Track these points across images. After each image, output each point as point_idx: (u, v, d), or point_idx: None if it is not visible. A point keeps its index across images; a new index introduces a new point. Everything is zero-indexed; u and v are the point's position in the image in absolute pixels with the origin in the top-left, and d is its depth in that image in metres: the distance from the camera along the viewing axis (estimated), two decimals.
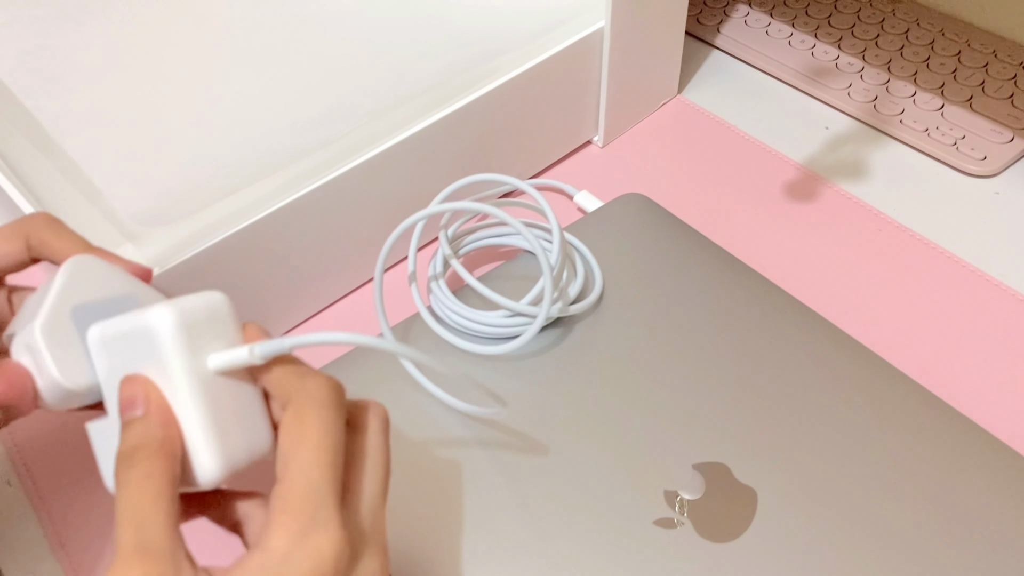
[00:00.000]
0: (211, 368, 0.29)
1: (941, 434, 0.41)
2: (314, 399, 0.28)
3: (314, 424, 0.27)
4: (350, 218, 0.47)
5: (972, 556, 0.37)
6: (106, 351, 0.29)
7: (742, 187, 0.56)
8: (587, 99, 0.56)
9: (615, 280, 0.48)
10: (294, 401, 0.28)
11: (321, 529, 0.26)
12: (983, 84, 0.61)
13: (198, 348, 0.28)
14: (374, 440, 0.30)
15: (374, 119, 0.48)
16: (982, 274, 0.50)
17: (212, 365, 0.29)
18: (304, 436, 0.27)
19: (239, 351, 0.29)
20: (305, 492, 0.26)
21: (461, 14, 0.57)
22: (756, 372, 0.43)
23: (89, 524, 0.41)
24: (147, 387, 0.28)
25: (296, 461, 0.26)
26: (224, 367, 0.29)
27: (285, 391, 0.28)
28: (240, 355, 0.29)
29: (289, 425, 0.27)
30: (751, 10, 0.69)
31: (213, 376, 0.29)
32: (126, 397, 0.28)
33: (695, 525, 0.38)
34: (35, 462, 0.43)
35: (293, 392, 0.28)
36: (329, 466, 0.27)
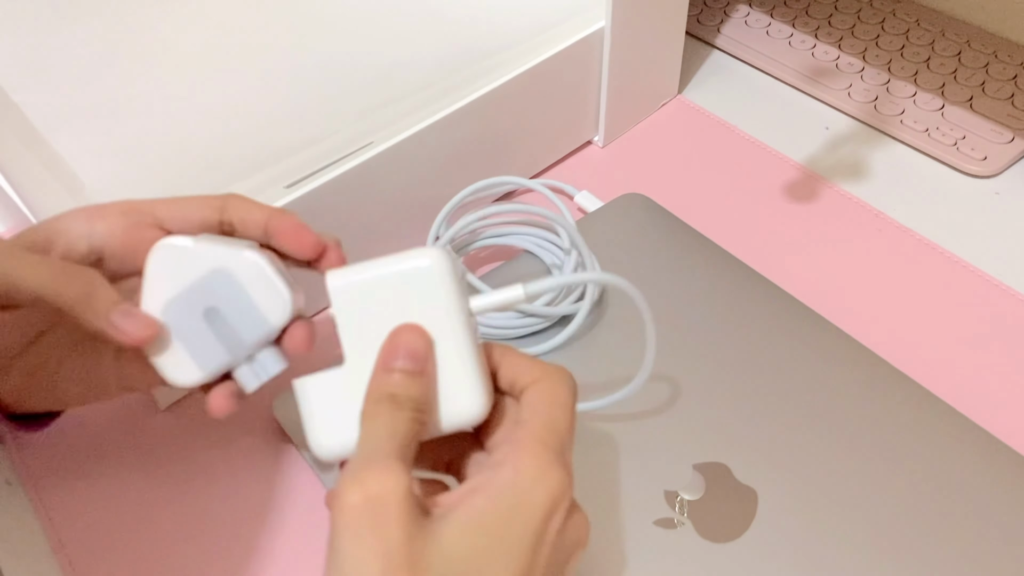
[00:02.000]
0: (473, 309, 0.31)
1: (941, 434, 0.41)
2: (567, 380, 0.31)
3: (566, 393, 0.31)
4: (349, 218, 0.47)
5: (972, 556, 0.37)
6: (351, 298, 0.30)
7: (742, 187, 0.56)
8: (587, 99, 0.56)
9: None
10: (548, 378, 0.31)
11: (561, 467, 0.28)
12: (983, 84, 0.61)
13: (462, 288, 0.31)
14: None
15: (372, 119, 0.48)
16: (982, 274, 0.50)
17: (475, 306, 0.31)
18: (558, 398, 0.30)
19: (511, 291, 0.31)
20: (555, 432, 0.29)
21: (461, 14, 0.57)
22: (756, 372, 0.43)
23: (89, 524, 0.41)
24: (430, 343, 0.30)
25: (551, 411, 0.30)
26: (488, 308, 0.32)
27: (531, 372, 0.31)
28: (512, 294, 0.31)
29: (544, 387, 0.31)
30: (751, 10, 0.69)
31: (471, 317, 0.31)
32: (410, 348, 0.29)
33: (695, 525, 0.38)
34: (35, 462, 0.43)
35: (544, 374, 0.31)
36: (572, 426, 0.30)
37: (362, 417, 0.29)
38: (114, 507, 0.42)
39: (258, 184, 0.45)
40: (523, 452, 0.28)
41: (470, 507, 0.27)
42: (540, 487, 0.28)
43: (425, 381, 0.30)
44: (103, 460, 0.43)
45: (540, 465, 0.28)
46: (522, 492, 0.27)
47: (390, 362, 0.29)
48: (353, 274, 0.30)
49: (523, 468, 0.28)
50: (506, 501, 0.27)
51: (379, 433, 0.28)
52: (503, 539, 0.27)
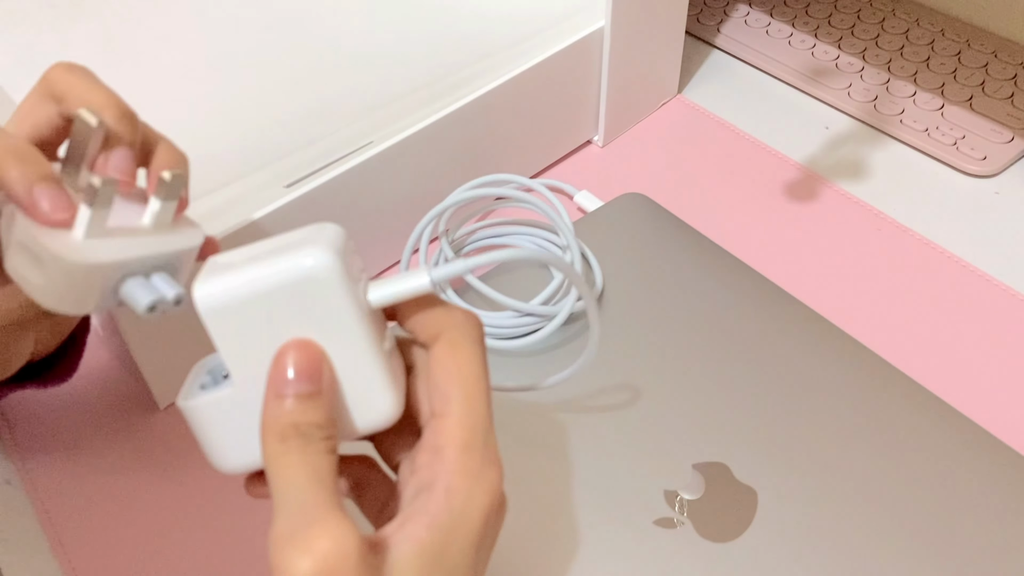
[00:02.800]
0: (372, 304, 0.27)
1: (941, 434, 0.41)
2: (467, 335, 0.28)
3: (471, 359, 0.27)
4: (349, 217, 0.47)
5: (972, 556, 0.37)
6: (228, 316, 0.26)
7: (742, 187, 0.56)
8: (587, 99, 0.56)
9: (615, 280, 0.48)
10: (447, 336, 0.28)
11: (491, 463, 0.27)
12: (983, 84, 0.61)
13: (356, 287, 0.27)
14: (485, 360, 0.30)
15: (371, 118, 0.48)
16: (982, 274, 0.50)
17: (374, 300, 0.27)
18: (464, 372, 0.27)
19: (415, 279, 0.27)
20: (476, 429, 0.27)
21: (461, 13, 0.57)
22: (756, 372, 0.43)
23: (89, 524, 0.41)
24: (321, 358, 0.26)
25: (461, 397, 0.27)
26: (389, 301, 0.27)
27: (433, 325, 0.28)
28: (416, 282, 0.27)
29: (445, 359, 0.27)
30: (751, 10, 0.69)
31: (372, 312, 0.27)
32: (301, 367, 0.26)
33: (695, 525, 0.38)
34: (35, 462, 0.43)
35: (444, 327, 0.28)
36: (488, 401, 0.27)
37: (268, 459, 0.26)
38: (114, 507, 0.42)
39: (258, 184, 0.45)
40: (450, 470, 0.26)
41: (413, 541, 0.25)
42: (474, 503, 0.26)
43: (325, 399, 0.26)
44: (103, 460, 0.43)
45: (469, 479, 0.26)
46: (458, 514, 0.26)
47: (282, 388, 0.26)
48: (226, 285, 0.26)
49: (454, 489, 0.26)
50: (444, 526, 0.26)
51: (300, 481, 0.25)
52: (448, 562, 0.25)
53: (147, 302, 0.29)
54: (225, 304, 0.26)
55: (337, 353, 0.27)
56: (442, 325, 0.28)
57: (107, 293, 0.30)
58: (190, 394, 0.28)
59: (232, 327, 0.26)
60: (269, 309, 0.26)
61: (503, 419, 0.42)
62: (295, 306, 0.26)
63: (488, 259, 0.27)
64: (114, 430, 0.44)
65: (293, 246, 0.26)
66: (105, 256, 0.29)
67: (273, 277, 0.26)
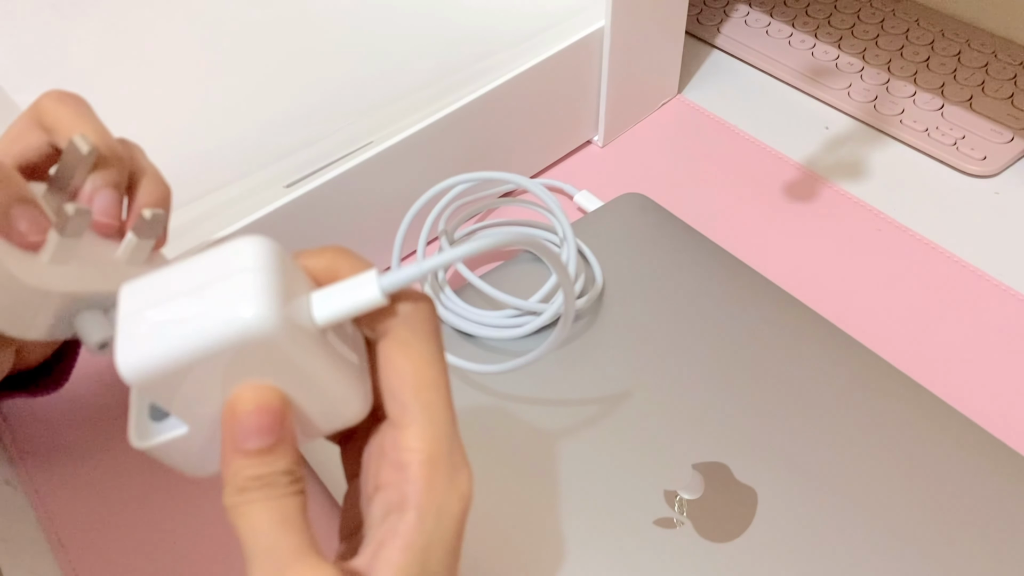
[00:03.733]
0: (319, 325, 0.24)
1: (941, 434, 0.41)
2: (417, 330, 0.25)
3: (425, 359, 0.25)
4: (348, 217, 0.47)
5: (972, 556, 0.37)
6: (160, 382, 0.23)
7: (742, 187, 0.56)
8: (587, 99, 0.56)
9: (615, 280, 0.48)
10: (396, 333, 0.25)
11: (459, 468, 0.25)
12: (983, 84, 0.61)
13: (296, 314, 0.23)
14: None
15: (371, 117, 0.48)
16: (982, 274, 0.50)
17: (321, 320, 0.24)
18: (419, 375, 0.25)
19: (364, 292, 0.24)
20: (438, 438, 0.24)
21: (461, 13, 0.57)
22: (756, 372, 0.43)
23: (89, 524, 0.41)
24: (279, 404, 0.24)
25: (419, 406, 0.24)
26: (338, 319, 0.24)
27: (378, 317, 0.25)
28: (366, 296, 0.24)
29: (397, 361, 0.25)
30: (751, 10, 0.69)
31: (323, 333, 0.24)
32: (259, 422, 0.23)
33: (695, 525, 0.38)
34: (35, 462, 0.43)
35: (390, 321, 0.25)
36: (449, 403, 0.25)
37: (229, 511, 0.24)
38: (114, 507, 0.42)
39: (258, 184, 0.45)
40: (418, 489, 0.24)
41: (391, 567, 0.24)
42: (446, 516, 0.24)
43: (288, 442, 0.24)
44: (103, 460, 0.43)
45: (438, 494, 0.24)
46: (431, 532, 0.24)
47: (240, 443, 0.24)
48: (152, 352, 0.22)
49: (424, 509, 0.24)
50: (419, 546, 0.24)
51: (265, 527, 0.23)
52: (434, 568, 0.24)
53: (98, 338, 0.28)
54: (154, 375, 0.22)
55: (293, 383, 0.24)
56: (388, 318, 0.25)
57: (61, 322, 0.28)
58: (144, 431, 0.25)
59: (169, 390, 0.23)
60: (207, 369, 0.23)
61: (503, 419, 0.42)
62: (237, 360, 0.23)
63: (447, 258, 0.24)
64: (114, 430, 0.44)
65: (219, 290, 0.22)
66: (62, 285, 0.28)
67: (203, 340, 0.22)
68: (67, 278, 0.28)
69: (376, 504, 0.25)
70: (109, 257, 0.31)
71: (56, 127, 0.32)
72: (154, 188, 0.34)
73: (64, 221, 0.28)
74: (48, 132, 0.32)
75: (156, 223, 0.31)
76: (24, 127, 0.33)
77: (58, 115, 0.32)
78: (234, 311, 0.22)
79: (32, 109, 0.33)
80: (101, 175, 0.31)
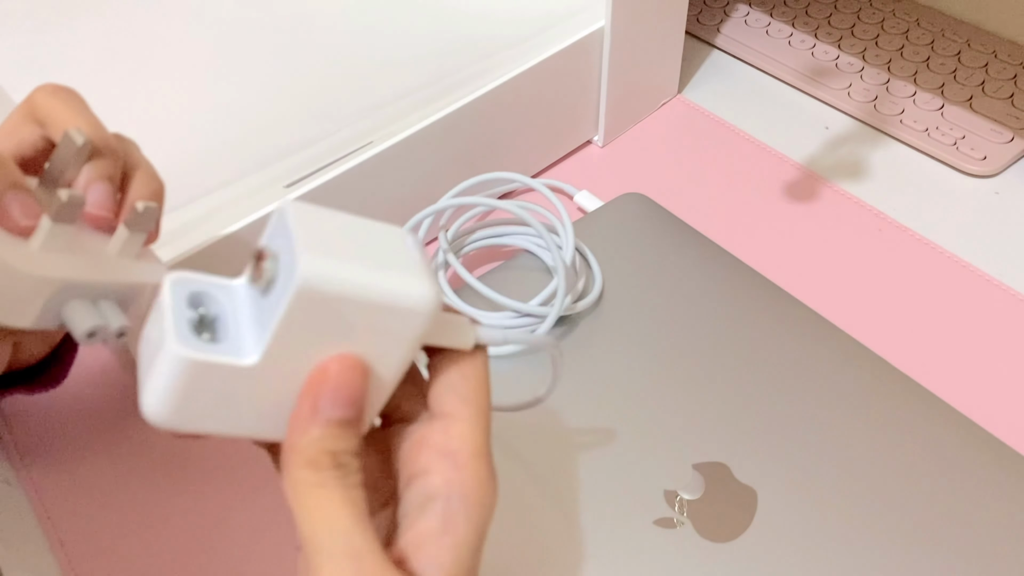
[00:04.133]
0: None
1: (941, 434, 0.41)
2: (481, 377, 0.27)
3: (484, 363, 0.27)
4: None
5: (972, 556, 0.37)
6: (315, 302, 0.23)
7: (742, 187, 0.56)
8: (587, 99, 0.56)
9: (615, 280, 0.48)
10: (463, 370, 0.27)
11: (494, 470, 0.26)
12: (983, 84, 0.61)
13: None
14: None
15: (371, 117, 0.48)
16: (982, 274, 0.50)
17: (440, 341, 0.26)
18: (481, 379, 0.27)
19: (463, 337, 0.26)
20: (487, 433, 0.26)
21: (461, 14, 0.57)
22: (756, 372, 0.43)
23: (89, 524, 0.41)
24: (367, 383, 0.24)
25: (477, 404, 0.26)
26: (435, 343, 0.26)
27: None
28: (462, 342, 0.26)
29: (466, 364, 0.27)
30: (751, 10, 0.69)
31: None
32: (347, 391, 0.24)
33: (695, 525, 0.38)
34: (35, 462, 0.43)
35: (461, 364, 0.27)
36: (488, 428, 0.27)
37: (298, 488, 0.23)
38: (114, 507, 0.42)
39: (258, 184, 0.45)
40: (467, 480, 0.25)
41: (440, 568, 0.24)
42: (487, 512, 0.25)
43: (360, 425, 0.24)
44: (103, 460, 0.43)
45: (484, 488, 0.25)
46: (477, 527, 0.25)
47: (325, 409, 0.24)
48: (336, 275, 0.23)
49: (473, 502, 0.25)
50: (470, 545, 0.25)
51: (345, 523, 0.23)
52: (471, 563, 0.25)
53: (87, 327, 0.28)
54: (324, 292, 0.23)
55: (375, 369, 0.25)
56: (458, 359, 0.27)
57: (49, 311, 0.29)
58: (189, 338, 0.23)
59: (309, 313, 0.23)
60: (352, 313, 0.23)
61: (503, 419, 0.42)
62: (374, 322, 0.24)
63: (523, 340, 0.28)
64: (114, 430, 0.44)
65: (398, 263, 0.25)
66: (51, 271, 0.28)
67: (379, 293, 0.24)
68: (57, 266, 0.28)
69: (414, 489, 0.26)
70: (100, 249, 0.31)
71: (50, 120, 0.32)
72: (147, 182, 0.34)
73: (56, 207, 0.28)
74: (42, 125, 0.32)
75: (148, 217, 0.31)
76: (18, 121, 0.33)
77: (52, 108, 0.32)
78: (414, 281, 0.24)
79: (26, 103, 0.33)
80: (95, 167, 0.31)
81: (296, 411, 0.24)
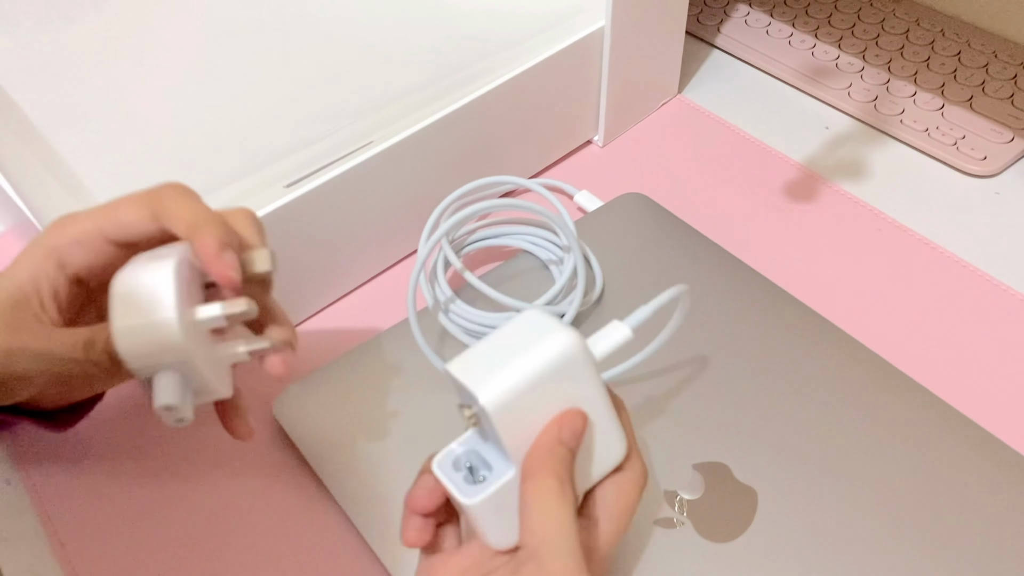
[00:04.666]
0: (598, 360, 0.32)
1: (941, 434, 0.41)
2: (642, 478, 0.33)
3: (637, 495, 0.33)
4: (348, 217, 0.47)
5: (972, 555, 0.37)
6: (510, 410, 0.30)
7: (742, 187, 0.56)
8: (587, 99, 0.56)
9: (615, 279, 0.48)
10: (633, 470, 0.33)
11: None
12: (983, 84, 0.61)
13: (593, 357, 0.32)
14: None
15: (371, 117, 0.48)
16: (982, 274, 0.50)
17: (599, 355, 0.32)
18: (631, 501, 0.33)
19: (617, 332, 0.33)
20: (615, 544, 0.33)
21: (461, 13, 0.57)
22: (756, 372, 0.43)
23: (89, 523, 0.41)
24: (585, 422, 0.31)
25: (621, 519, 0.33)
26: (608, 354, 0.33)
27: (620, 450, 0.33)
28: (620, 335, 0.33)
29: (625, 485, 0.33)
30: (751, 10, 0.69)
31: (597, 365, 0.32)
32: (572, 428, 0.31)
33: (695, 525, 0.38)
34: (35, 462, 0.43)
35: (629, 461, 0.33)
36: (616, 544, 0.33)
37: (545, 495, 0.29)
38: (114, 507, 0.42)
39: (258, 184, 0.45)
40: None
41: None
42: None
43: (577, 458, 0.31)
44: (103, 460, 0.43)
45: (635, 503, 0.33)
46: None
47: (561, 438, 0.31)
48: (499, 378, 0.30)
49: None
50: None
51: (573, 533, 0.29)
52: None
53: (169, 401, 0.30)
54: (506, 400, 0.30)
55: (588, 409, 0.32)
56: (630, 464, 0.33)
57: (150, 368, 0.31)
58: (469, 492, 0.31)
59: (512, 418, 0.30)
60: (539, 394, 0.30)
61: None
62: (556, 383, 0.30)
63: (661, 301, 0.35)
64: (115, 431, 0.44)
65: (536, 334, 0.31)
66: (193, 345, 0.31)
67: (538, 362, 0.30)
68: (197, 343, 0.31)
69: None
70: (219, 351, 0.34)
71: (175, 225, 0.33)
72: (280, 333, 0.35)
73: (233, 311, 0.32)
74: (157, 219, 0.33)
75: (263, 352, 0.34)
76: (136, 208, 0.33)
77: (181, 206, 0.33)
78: (555, 342, 0.30)
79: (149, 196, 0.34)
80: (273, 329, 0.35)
81: (542, 438, 0.31)
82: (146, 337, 0.30)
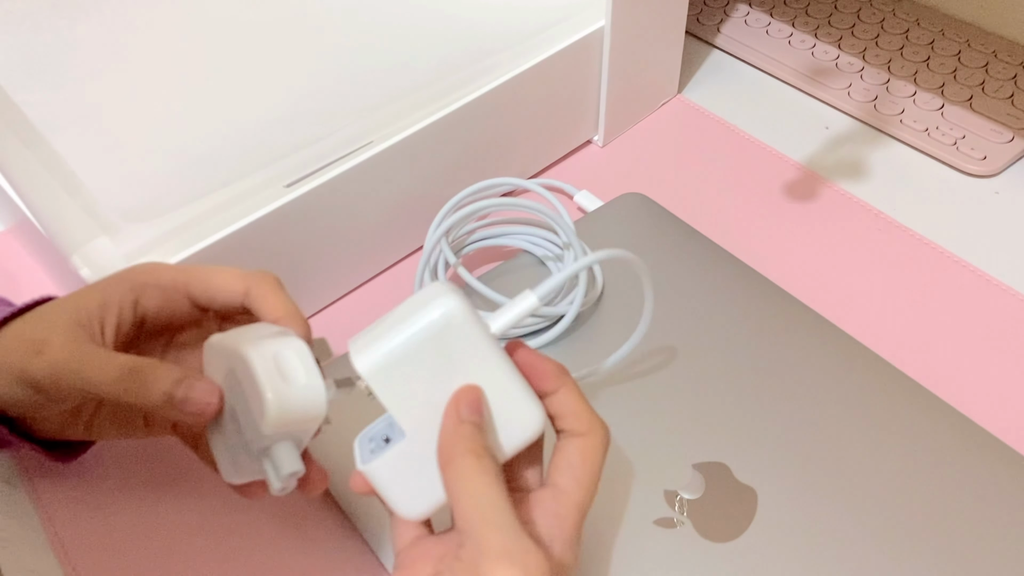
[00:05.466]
0: (496, 332, 0.32)
1: (941, 434, 0.41)
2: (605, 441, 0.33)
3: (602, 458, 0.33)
4: (348, 217, 0.47)
5: (972, 555, 0.37)
6: (385, 374, 0.30)
7: (742, 187, 0.56)
8: (587, 99, 0.56)
9: (615, 280, 0.48)
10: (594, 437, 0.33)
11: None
12: (983, 84, 0.61)
13: (481, 321, 0.31)
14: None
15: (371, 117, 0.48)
16: (982, 274, 0.50)
17: (497, 329, 0.32)
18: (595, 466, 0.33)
19: (523, 300, 0.32)
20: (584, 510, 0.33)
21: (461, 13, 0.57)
22: (756, 371, 0.43)
23: (89, 524, 0.41)
24: (481, 396, 0.31)
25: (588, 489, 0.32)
26: (509, 326, 0.32)
27: (584, 424, 0.33)
28: (526, 304, 0.32)
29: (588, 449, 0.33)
30: (751, 10, 0.69)
31: (497, 341, 0.32)
32: (468, 402, 0.31)
33: (695, 525, 0.38)
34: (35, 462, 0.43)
35: (591, 429, 0.33)
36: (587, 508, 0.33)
37: (465, 474, 0.29)
38: (114, 507, 0.42)
39: (258, 183, 0.45)
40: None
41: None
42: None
43: (486, 432, 0.31)
44: (103, 460, 0.43)
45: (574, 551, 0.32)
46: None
47: (463, 416, 0.30)
48: (376, 346, 0.30)
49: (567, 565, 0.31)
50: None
51: (503, 503, 0.29)
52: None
53: (293, 469, 0.31)
54: (378, 364, 0.30)
55: (485, 381, 0.31)
56: (588, 426, 0.33)
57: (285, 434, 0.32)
58: (365, 459, 0.31)
59: (391, 382, 0.30)
60: (419, 358, 0.30)
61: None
62: (440, 349, 0.30)
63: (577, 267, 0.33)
64: None
65: (419, 306, 0.30)
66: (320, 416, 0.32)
67: (413, 327, 0.30)
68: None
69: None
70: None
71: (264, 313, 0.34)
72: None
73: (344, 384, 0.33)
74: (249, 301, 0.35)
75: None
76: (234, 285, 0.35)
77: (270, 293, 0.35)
78: (432, 311, 0.30)
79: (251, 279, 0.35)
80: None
81: (445, 423, 0.31)
82: (296, 403, 0.31)
